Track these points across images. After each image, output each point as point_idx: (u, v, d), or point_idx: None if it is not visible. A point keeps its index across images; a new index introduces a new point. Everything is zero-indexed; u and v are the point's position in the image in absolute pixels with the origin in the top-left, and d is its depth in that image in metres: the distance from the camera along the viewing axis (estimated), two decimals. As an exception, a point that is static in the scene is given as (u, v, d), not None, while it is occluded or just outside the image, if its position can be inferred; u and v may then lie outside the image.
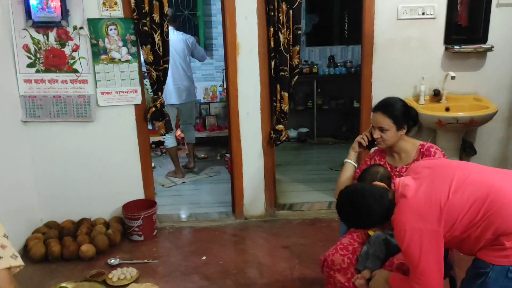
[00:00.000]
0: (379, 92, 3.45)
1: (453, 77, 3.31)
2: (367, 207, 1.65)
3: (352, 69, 5.55)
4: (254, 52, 3.40)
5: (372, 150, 2.33)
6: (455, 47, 3.39)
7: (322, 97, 5.69)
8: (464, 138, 3.50)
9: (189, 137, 4.88)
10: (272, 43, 3.30)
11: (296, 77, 3.42)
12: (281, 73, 3.36)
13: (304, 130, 5.86)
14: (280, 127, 3.51)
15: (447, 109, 3.36)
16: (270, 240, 3.41)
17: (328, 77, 5.61)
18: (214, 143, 5.67)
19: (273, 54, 3.33)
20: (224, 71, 4.30)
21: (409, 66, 3.46)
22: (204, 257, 3.19)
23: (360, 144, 2.25)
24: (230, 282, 2.90)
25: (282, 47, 3.29)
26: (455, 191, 1.58)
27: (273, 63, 3.36)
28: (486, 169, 1.72)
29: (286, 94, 3.41)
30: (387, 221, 1.66)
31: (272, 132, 3.53)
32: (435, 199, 1.58)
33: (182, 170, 4.77)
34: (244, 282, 2.89)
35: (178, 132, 5.14)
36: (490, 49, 3.38)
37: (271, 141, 3.56)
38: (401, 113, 2.06)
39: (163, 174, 4.80)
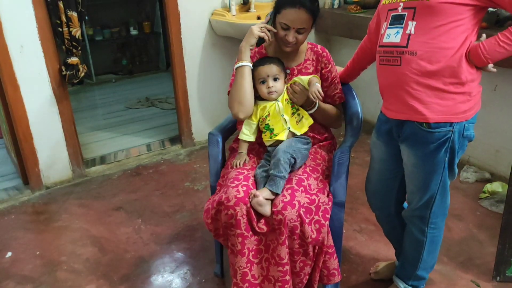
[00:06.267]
0: (185, 2, 2.98)
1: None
2: None
3: (121, -10, 4.76)
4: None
5: None
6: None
7: (92, 26, 4.75)
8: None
9: None
10: None
11: (84, -11, 2.59)
12: (62, -15, 2.48)
13: (78, 69, 4.86)
14: (74, 60, 2.67)
15: (259, 18, 3.13)
16: (93, 206, 2.68)
17: (94, 0, 4.66)
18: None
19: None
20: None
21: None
22: (9, 253, 2.29)
23: (259, 40, 1.67)
24: (63, 273, 2.13)
25: None
26: None
27: (46, -29, 2.45)
28: None
29: (74, 14, 2.56)
30: None
31: (64, 69, 2.66)
32: None
33: None
34: (83, 267, 2.17)
35: None
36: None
37: (65, 81, 2.70)
38: (318, 7, 1.63)
39: None
